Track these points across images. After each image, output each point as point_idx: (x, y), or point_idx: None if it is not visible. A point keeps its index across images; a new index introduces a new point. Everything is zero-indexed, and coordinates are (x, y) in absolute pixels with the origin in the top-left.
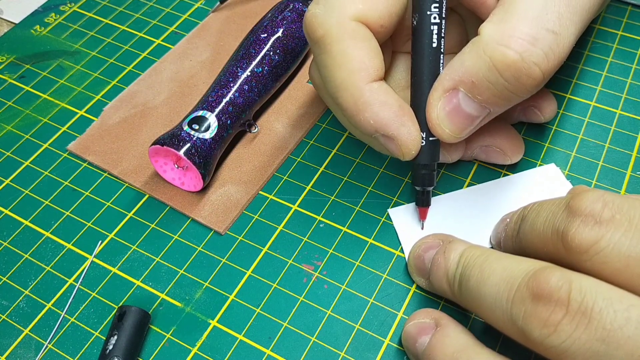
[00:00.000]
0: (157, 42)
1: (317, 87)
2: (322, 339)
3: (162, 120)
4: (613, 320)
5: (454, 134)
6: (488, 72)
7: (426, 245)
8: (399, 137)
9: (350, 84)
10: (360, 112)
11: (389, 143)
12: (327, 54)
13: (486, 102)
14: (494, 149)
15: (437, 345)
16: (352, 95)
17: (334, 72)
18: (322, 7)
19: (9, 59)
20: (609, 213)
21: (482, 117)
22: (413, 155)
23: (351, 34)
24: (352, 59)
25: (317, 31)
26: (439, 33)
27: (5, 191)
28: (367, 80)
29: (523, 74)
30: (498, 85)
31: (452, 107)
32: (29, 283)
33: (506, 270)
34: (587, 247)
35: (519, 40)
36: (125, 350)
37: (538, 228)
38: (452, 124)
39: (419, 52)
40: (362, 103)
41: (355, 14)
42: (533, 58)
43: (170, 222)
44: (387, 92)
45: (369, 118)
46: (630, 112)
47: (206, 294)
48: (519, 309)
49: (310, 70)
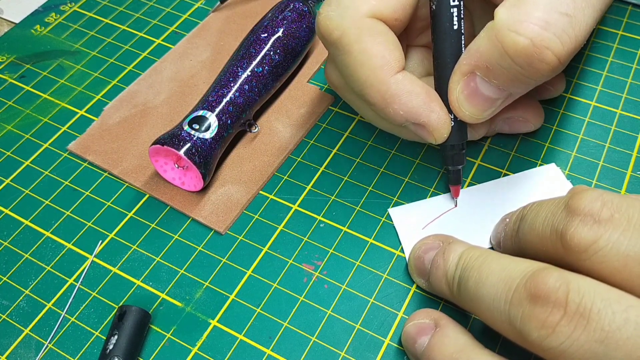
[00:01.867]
0: (158, 42)
1: (336, 87)
2: (322, 338)
3: (162, 120)
4: (611, 321)
5: (475, 116)
6: (501, 58)
7: (426, 246)
8: (430, 123)
9: (376, 80)
10: (389, 104)
11: (420, 130)
12: (348, 54)
13: (503, 86)
14: (516, 119)
15: (436, 346)
16: (378, 91)
17: (357, 71)
18: (334, 8)
19: (9, 59)
20: (607, 212)
21: (502, 98)
22: (445, 138)
23: (368, 31)
24: (374, 56)
25: (334, 33)
26: (458, 15)
27: (6, 191)
28: (391, 73)
29: (535, 59)
30: (512, 70)
31: (470, 90)
32: (30, 283)
33: (504, 271)
34: (586, 246)
35: (530, 25)
36: (126, 350)
37: (537, 228)
38: (472, 106)
39: (440, 36)
40: (389, 96)
41: (369, 11)
42: (545, 43)
43: (170, 222)
44: (412, 81)
45: (398, 109)
46: (630, 112)
47: (206, 293)
48: (517, 310)
49: (328, 71)
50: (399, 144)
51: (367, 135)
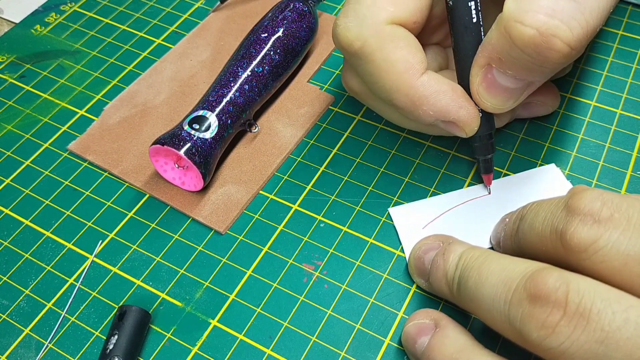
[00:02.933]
0: (158, 42)
1: (356, 94)
2: (322, 338)
3: (162, 119)
4: (611, 321)
5: (497, 106)
6: (510, 50)
7: (426, 246)
8: (460, 119)
9: (402, 85)
10: (418, 107)
11: (450, 127)
12: (370, 63)
13: (518, 76)
14: (534, 103)
15: (436, 346)
16: (406, 95)
17: (382, 78)
18: (352, 19)
19: (10, 59)
20: (607, 212)
21: (522, 87)
22: (475, 130)
23: (389, 38)
24: (397, 61)
25: (354, 44)
26: (476, 8)
27: (6, 191)
28: (417, 76)
29: (544, 49)
30: (523, 61)
31: (489, 82)
32: (30, 283)
33: (504, 271)
34: (586, 246)
35: (535, 14)
36: (126, 349)
37: (537, 227)
38: (492, 97)
39: (460, 30)
40: (418, 99)
41: (388, 18)
42: (552, 31)
43: (170, 222)
44: (437, 80)
45: (427, 110)
46: (630, 112)
47: (206, 293)
48: (517, 311)
49: (346, 79)
50: (399, 144)
51: (367, 135)
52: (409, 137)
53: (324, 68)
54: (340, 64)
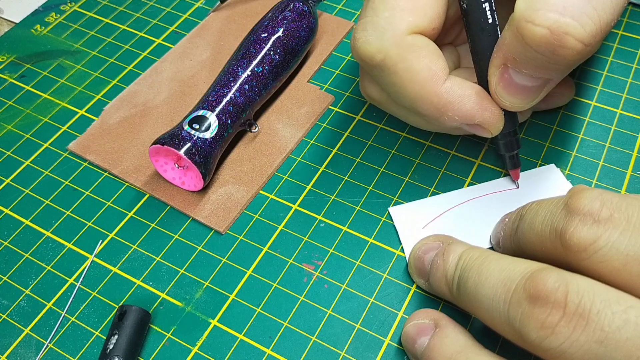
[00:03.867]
0: (158, 42)
1: (376, 102)
2: (322, 338)
3: (162, 119)
4: (611, 321)
5: (517, 105)
6: (524, 50)
7: (426, 246)
8: (485, 121)
9: (427, 93)
10: (443, 113)
11: (474, 129)
12: (393, 74)
13: (534, 74)
14: (551, 95)
15: (435, 347)
16: (431, 103)
17: (405, 88)
18: (371, 32)
19: (10, 59)
20: (607, 212)
21: (541, 85)
22: (500, 130)
23: (411, 48)
24: (420, 71)
25: (376, 57)
26: (491, 9)
27: (6, 191)
28: (440, 83)
29: (557, 47)
30: (538, 60)
31: (506, 82)
32: (30, 282)
33: (503, 271)
34: (586, 245)
35: (546, 13)
36: (126, 349)
37: (536, 227)
38: (511, 97)
39: (476, 32)
40: (442, 105)
41: (408, 29)
42: (563, 29)
43: (170, 222)
44: (461, 85)
45: (453, 116)
46: (630, 112)
47: (206, 293)
48: (516, 311)
49: (366, 88)
50: (399, 144)
51: (367, 135)
52: (409, 137)
53: (324, 68)
54: (341, 64)
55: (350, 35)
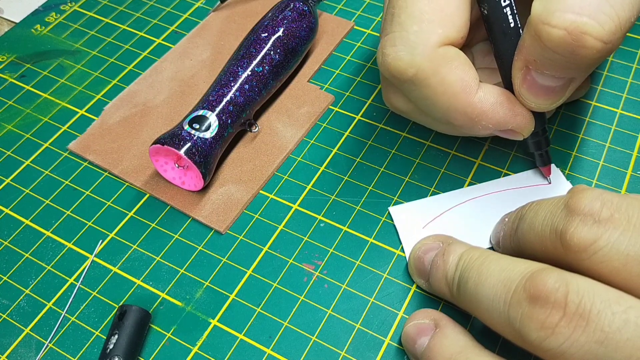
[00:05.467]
0: (158, 42)
1: (402, 112)
2: (322, 338)
3: (162, 119)
4: (611, 322)
5: (544, 106)
6: (543, 52)
7: (426, 246)
8: (518, 126)
9: (460, 105)
10: (477, 122)
11: (508, 135)
12: (425, 87)
13: (557, 75)
14: None
15: (435, 347)
16: (464, 113)
17: (438, 101)
18: (401, 47)
19: (10, 59)
20: (607, 212)
21: (564, 84)
22: (531, 131)
23: (443, 61)
24: (453, 83)
25: (408, 72)
26: (512, 13)
27: (6, 190)
28: (473, 94)
29: (575, 47)
30: (559, 61)
31: (529, 84)
32: (30, 282)
33: (503, 272)
34: (586, 246)
35: (562, 14)
36: (126, 349)
37: (537, 227)
38: (536, 98)
39: (499, 37)
40: (476, 115)
41: (439, 41)
42: (581, 29)
43: (170, 222)
44: (492, 92)
45: (487, 124)
46: (630, 112)
47: (207, 293)
48: (516, 311)
49: (390, 99)
50: (399, 144)
51: (367, 135)
52: (409, 137)
53: (324, 68)
54: (341, 64)
55: (350, 35)
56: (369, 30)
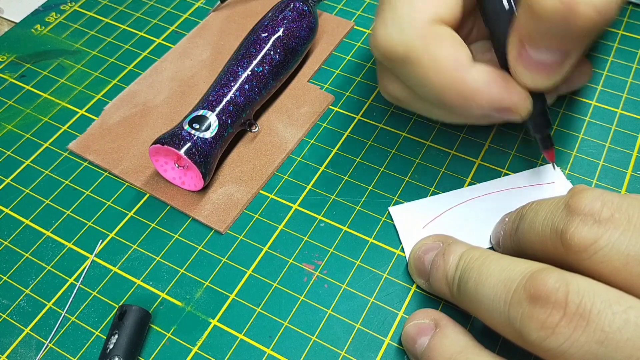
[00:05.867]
0: (158, 42)
1: (398, 100)
2: (322, 338)
3: (162, 119)
4: (611, 322)
5: (541, 82)
6: (538, 24)
7: (426, 246)
8: (514, 104)
9: (453, 82)
10: (471, 101)
11: (505, 114)
12: (417, 66)
13: (555, 48)
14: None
15: (436, 347)
16: (458, 92)
17: (430, 79)
18: (392, 26)
19: (10, 58)
20: (608, 212)
21: (561, 59)
22: (529, 110)
23: (434, 39)
24: (445, 60)
25: (399, 50)
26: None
27: (6, 190)
28: (466, 70)
29: (570, 17)
30: (554, 33)
31: (526, 61)
32: (30, 282)
33: (504, 272)
34: (586, 245)
35: None
36: (126, 349)
37: (537, 227)
38: (533, 74)
39: (493, 18)
40: (470, 93)
41: (429, 18)
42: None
43: (170, 222)
44: (486, 70)
45: (481, 102)
46: (630, 112)
47: (207, 293)
48: (517, 311)
49: (386, 86)
50: (399, 144)
51: (367, 135)
52: (409, 137)
53: (324, 68)
54: (341, 64)
55: (350, 35)
56: (369, 30)
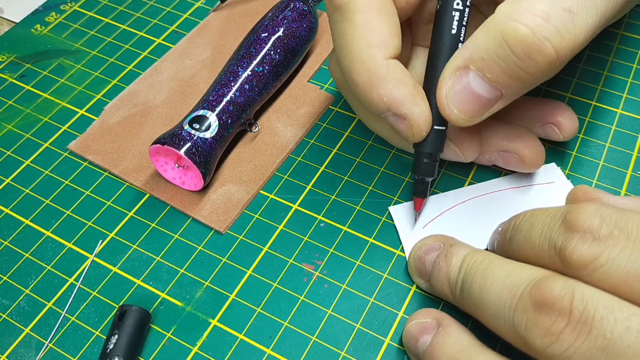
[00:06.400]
0: (158, 42)
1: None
2: (322, 338)
3: (162, 119)
4: (613, 328)
5: (462, 115)
6: (498, 48)
7: (427, 247)
8: (411, 116)
9: (368, 57)
10: (375, 88)
11: (399, 123)
12: (349, 22)
13: (497, 82)
14: (512, 155)
15: (438, 345)
16: (368, 70)
17: (352, 43)
18: None
19: (10, 58)
20: (607, 229)
21: (494, 99)
22: (423, 136)
23: (377, 6)
24: (374, 31)
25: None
26: (459, 20)
27: (6, 190)
28: (386, 56)
29: (534, 50)
30: (508, 62)
31: (462, 86)
32: (30, 282)
33: (509, 277)
34: (586, 263)
35: (531, 15)
36: (126, 349)
37: (533, 240)
38: (461, 104)
39: (437, 37)
40: (377, 78)
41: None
42: (545, 33)
43: (170, 222)
44: (403, 71)
45: (382, 95)
46: (631, 112)
47: (207, 293)
48: (521, 318)
49: (331, 63)
50: None
51: (367, 135)
52: None
53: (324, 68)
54: None
55: None
56: None
